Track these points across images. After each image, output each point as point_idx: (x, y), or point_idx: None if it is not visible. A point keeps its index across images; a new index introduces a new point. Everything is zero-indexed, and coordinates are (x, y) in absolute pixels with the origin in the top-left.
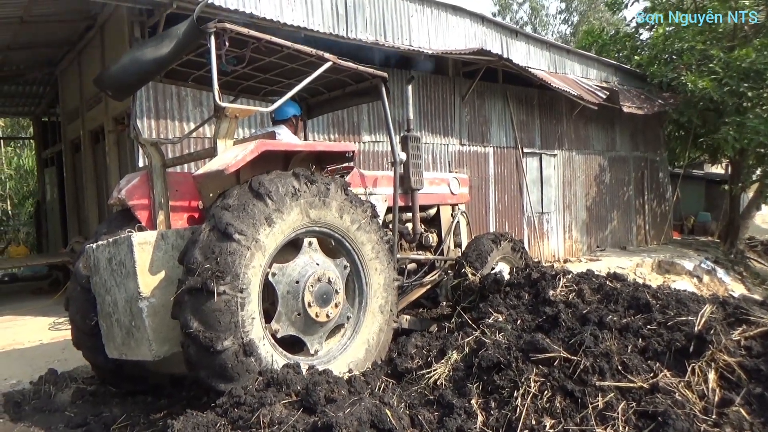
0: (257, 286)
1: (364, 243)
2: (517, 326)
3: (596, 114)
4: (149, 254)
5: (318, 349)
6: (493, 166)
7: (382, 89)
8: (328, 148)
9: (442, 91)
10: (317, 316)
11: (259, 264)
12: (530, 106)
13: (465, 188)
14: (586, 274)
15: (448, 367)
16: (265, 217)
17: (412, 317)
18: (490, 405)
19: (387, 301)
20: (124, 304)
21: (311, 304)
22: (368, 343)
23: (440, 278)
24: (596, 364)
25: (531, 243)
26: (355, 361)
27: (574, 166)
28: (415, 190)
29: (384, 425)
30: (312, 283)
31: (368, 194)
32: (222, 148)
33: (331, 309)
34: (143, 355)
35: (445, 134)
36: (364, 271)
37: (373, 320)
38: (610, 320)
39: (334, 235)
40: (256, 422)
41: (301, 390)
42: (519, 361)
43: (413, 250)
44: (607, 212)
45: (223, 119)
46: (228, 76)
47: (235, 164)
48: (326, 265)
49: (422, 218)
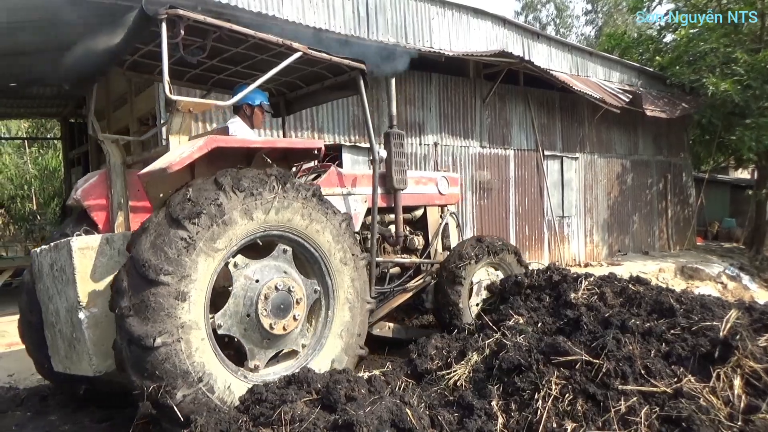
0: (203, 291)
1: (332, 250)
2: (537, 329)
3: (619, 117)
4: (91, 260)
5: (258, 365)
6: (514, 169)
7: (360, 82)
8: (291, 145)
9: (462, 94)
10: (270, 327)
11: (201, 287)
12: (551, 109)
13: (455, 188)
14: (608, 278)
15: (468, 369)
16: (212, 221)
17: (395, 325)
18: (510, 407)
19: (354, 320)
20: (65, 314)
21: (265, 310)
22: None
23: (426, 283)
24: (619, 367)
25: (551, 246)
26: (343, 342)
27: (595, 169)
28: (398, 190)
29: (404, 424)
30: (272, 288)
31: (346, 194)
32: (175, 145)
33: (286, 323)
34: (84, 371)
35: (465, 137)
36: (331, 279)
37: (336, 343)
38: (633, 324)
39: (294, 238)
40: (277, 419)
41: (322, 388)
42: (540, 363)
43: (397, 254)
44: (629, 216)
45: (176, 114)
46: (197, 69)
47: (179, 162)
48: (295, 278)
49: (407, 220)
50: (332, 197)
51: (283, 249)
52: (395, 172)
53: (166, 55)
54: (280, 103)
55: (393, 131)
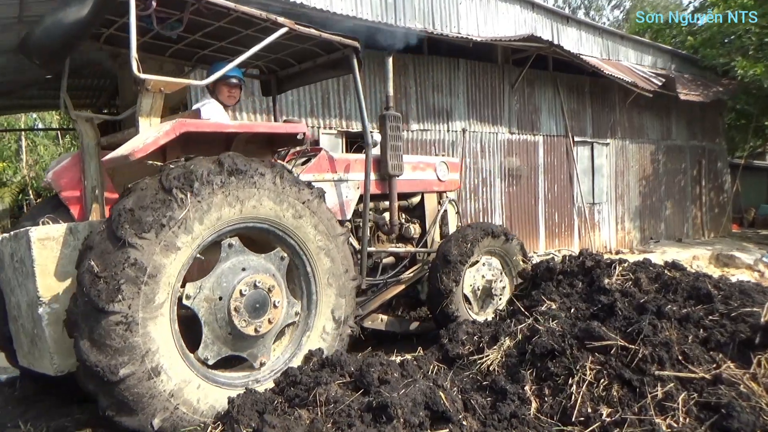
0: (168, 302)
1: (310, 238)
2: (570, 314)
3: (651, 102)
4: (52, 252)
5: (264, 360)
6: (543, 155)
7: (353, 60)
8: (271, 130)
9: (491, 79)
10: (255, 330)
11: (168, 280)
12: (581, 94)
13: (455, 174)
14: (643, 263)
15: (500, 354)
16: (175, 216)
17: (389, 318)
18: (544, 392)
19: (341, 305)
20: (26, 309)
21: (244, 321)
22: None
23: (422, 273)
24: (655, 353)
25: (582, 234)
26: None
27: (627, 155)
28: (394, 177)
29: (438, 407)
30: (237, 297)
31: (338, 180)
32: (145, 128)
33: (271, 315)
34: (45, 369)
35: (494, 123)
36: (313, 269)
37: (325, 324)
38: (670, 310)
39: (273, 231)
40: (312, 401)
41: (355, 371)
42: (574, 348)
43: (393, 243)
44: (662, 203)
45: (145, 94)
46: (179, 43)
47: (143, 149)
48: (255, 267)
49: (403, 207)
50: (322, 183)
51: (282, 256)
52: (390, 157)
53: (134, 28)
54: (272, 81)
55: (389, 113)
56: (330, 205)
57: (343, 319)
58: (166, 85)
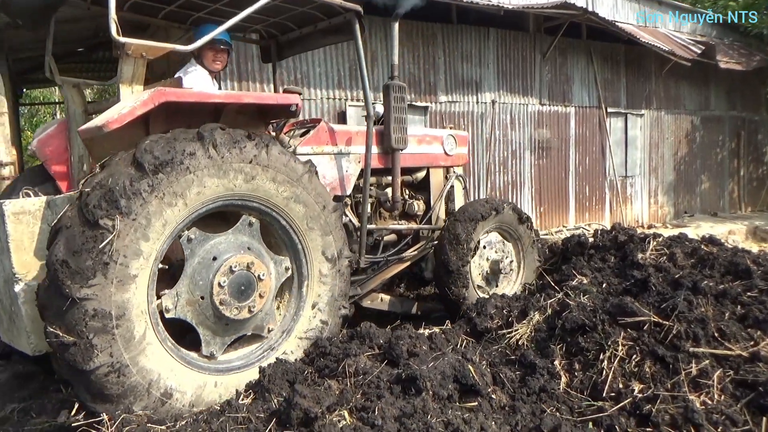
0: (148, 328)
1: (272, 193)
2: (602, 289)
3: (689, 71)
4: (29, 226)
5: (214, 352)
6: (575, 127)
7: (356, 25)
8: (260, 101)
9: (522, 49)
10: (250, 311)
11: (139, 309)
12: (616, 63)
13: (463, 148)
14: (679, 238)
15: (529, 328)
16: (113, 248)
17: (390, 297)
18: (574, 367)
19: (329, 243)
20: (3, 285)
21: (235, 309)
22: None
23: (426, 251)
24: (690, 329)
25: (613, 207)
26: (315, 324)
27: (662, 126)
28: (397, 150)
29: (467, 380)
30: (231, 267)
31: (338, 154)
32: (126, 96)
33: (260, 290)
34: (23, 348)
35: (524, 94)
36: (287, 221)
37: (320, 267)
38: (706, 285)
39: (231, 203)
40: (342, 372)
41: (384, 343)
42: (605, 324)
43: (396, 220)
44: (697, 176)
45: (125, 59)
46: (172, 5)
47: (118, 120)
48: (226, 249)
49: (407, 183)
50: (321, 156)
51: (249, 222)
52: (394, 129)
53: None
54: (271, 47)
55: (393, 83)
56: (329, 179)
57: (337, 255)
58: (149, 50)
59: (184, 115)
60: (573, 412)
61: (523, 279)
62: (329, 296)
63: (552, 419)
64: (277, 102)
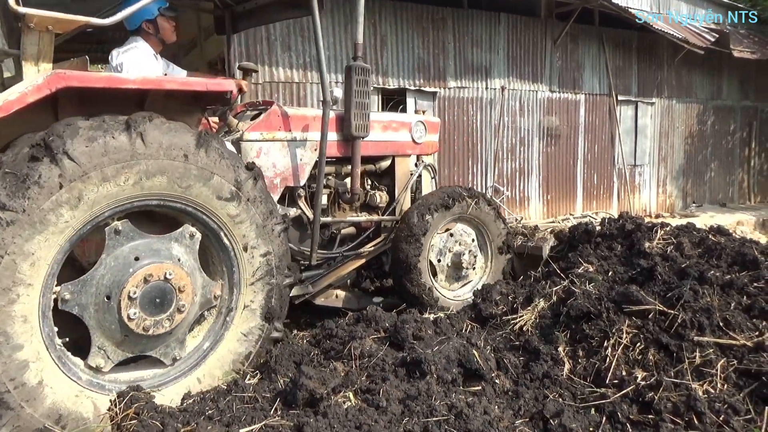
0: (35, 306)
1: (230, 213)
2: (608, 277)
3: (702, 59)
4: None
5: (177, 356)
6: (584, 115)
7: (314, 0)
8: (185, 87)
9: (532, 35)
10: (157, 328)
11: (37, 278)
12: (628, 51)
13: (433, 135)
14: (686, 227)
15: (534, 315)
16: (43, 194)
17: (347, 293)
18: (577, 353)
19: (266, 304)
20: None
21: (142, 321)
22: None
23: (387, 245)
24: (695, 318)
25: (621, 196)
26: (234, 357)
27: (673, 115)
28: (358, 138)
29: (471, 365)
30: (132, 292)
31: (291, 140)
32: (31, 76)
33: (154, 325)
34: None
35: (534, 80)
36: (233, 245)
37: (253, 299)
38: (712, 275)
39: (180, 207)
40: (347, 354)
41: (390, 327)
42: (610, 311)
43: (356, 212)
44: (707, 166)
45: (27, 32)
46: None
47: (4, 107)
48: (152, 252)
49: (371, 172)
50: (272, 143)
51: (190, 233)
52: (354, 115)
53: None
54: (226, 17)
55: (356, 64)
56: (280, 168)
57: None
58: (56, 23)
59: (104, 100)
60: (576, 398)
61: (490, 272)
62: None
63: (554, 404)
64: (207, 89)
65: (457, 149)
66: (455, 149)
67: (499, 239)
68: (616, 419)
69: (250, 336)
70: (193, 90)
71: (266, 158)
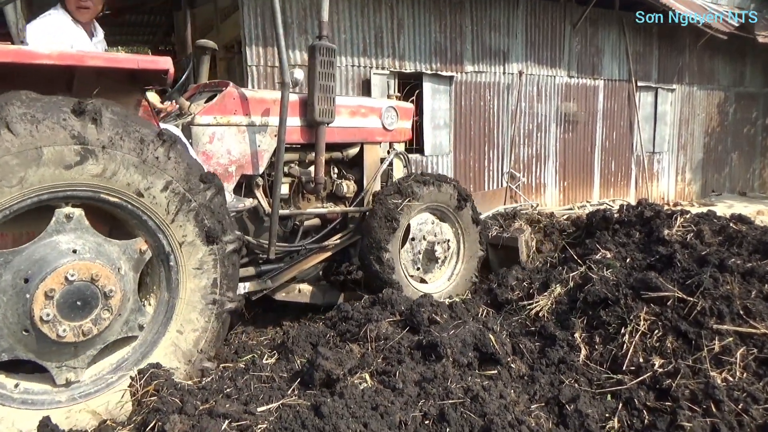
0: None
1: (159, 201)
2: (625, 264)
3: (725, 45)
4: None
5: (71, 378)
6: (603, 101)
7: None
8: (111, 64)
9: (551, 19)
10: (60, 335)
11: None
12: (649, 36)
13: (405, 122)
14: (707, 215)
15: (550, 300)
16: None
17: (312, 288)
18: (594, 340)
19: (215, 280)
20: None
21: (48, 318)
22: (180, 344)
23: (355, 237)
24: (715, 306)
25: (639, 184)
26: None
27: (693, 102)
28: (322, 124)
29: (487, 349)
30: (53, 285)
31: (249, 126)
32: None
33: (95, 320)
34: None
35: (552, 66)
36: (169, 241)
37: (191, 311)
38: (733, 263)
39: (103, 197)
40: (363, 336)
41: (405, 310)
42: (628, 298)
43: (322, 202)
44: (727, 154)
45: None
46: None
47: None
48: (92, 252)
49: (338, 160)
50: (227, 128)
51: (66, 215)
52: (318, 99)
53: None
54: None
55: (320, 44)
56: (236, 155)
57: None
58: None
59: (24, 78)
60: (592, 384)
61: (463, 265)
62: None
63: (570, 390)
64: (138, 66)
65: (473, 134)
66: (471, 134)
67: (470, 229)
68: (633, 406)
69: None
70: (122, 67)
71: (220, 144)
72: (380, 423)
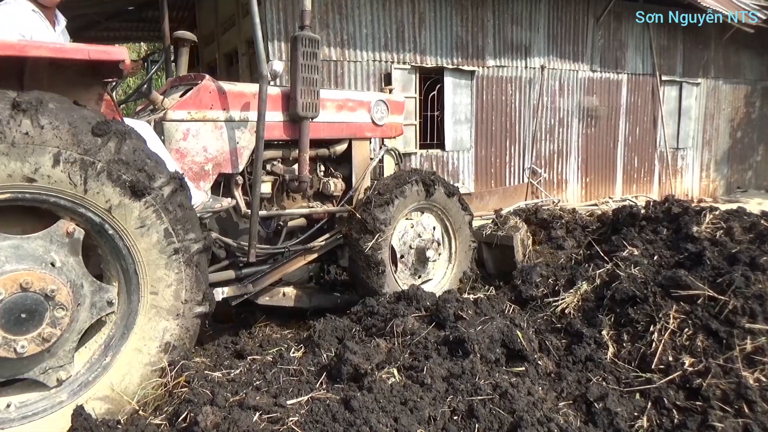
0: None
1: (58, 178)
2: (653, 262)
3: (752, 38)
4: None
5: (63, 376)
6: (626, 95)
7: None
8: (60, 54)
9: (574, 12)
10: (20, 351)
11: None
12: (673, 29)
13: (397, 116)
14: (737, 212)
15: (577, 297)
16: None
17: (297, 291)
18: (622, 337)
19: (165, 230)
20: None
21: None
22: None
23: (340, 238)
24: (747, 305)
25: (662, 180)
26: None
27: (719, 96)
28: (305, 119)
29: (514, 345)
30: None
31: (226, 121)
32: None
33: (52, 323)
34: None
35: (575, 59)
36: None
37: (155, 270)
38: (765, 261)
39: (43, 197)
40: (389, 331)
41: (431, 306)
42: (657, 296)
43: (307, 201)
44: (754, 150)
45: None
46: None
47: None
48: (12, 259)
49: (325, 157)
50: (202, 124)
51: (68, 230)
52: (301, 93)
53: None
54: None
55: (302, 34)
56: (213, 152)
57: None
58: None
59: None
60: (620, 383)
61: (455, 266)
62: None
63: (598, 388)
64: (89, 57)
65: (494, 129)
66: (493, 129)
67: (462, 229)
68: (662, 405)
69: None
70: (70, 58)
71: (195, 141)
72: (410, 418)
